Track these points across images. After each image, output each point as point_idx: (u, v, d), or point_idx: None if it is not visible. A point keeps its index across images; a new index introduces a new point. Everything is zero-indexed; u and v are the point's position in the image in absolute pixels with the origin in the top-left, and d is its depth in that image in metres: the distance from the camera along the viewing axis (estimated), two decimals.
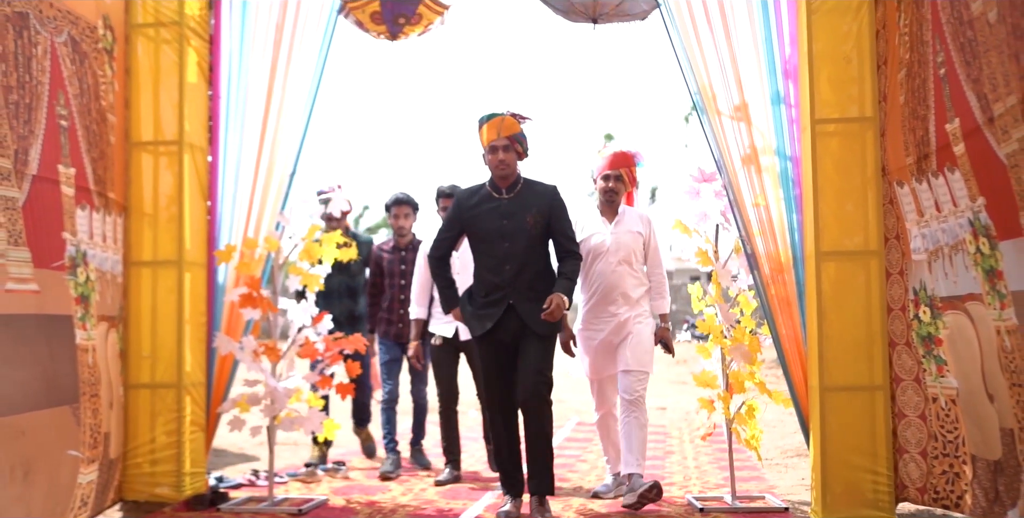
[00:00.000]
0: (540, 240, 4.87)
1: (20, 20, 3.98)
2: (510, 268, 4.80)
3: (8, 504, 3.74)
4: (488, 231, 4.85)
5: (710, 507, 4.96)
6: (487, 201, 4.88)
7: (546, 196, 4.87)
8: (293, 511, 4.94)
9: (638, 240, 5.23)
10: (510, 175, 4.85)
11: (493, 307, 4.82)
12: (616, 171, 5.26)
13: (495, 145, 4.79)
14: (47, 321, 4.12)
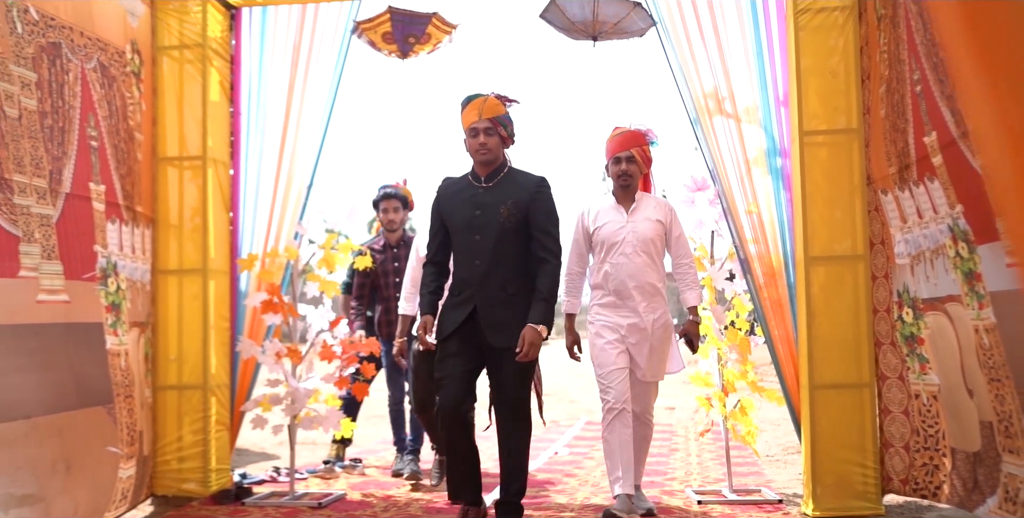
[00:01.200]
0: (515, 235, 4.30)
1: (54, 49, 4.22)
2: (480, 264, 4.29)
3: (55, 496, 4.00)
4: (461, 222, 4.35)
5: (708, 500, 5.14)
6: (465, 190, 4.40)
7: (527, 186, 4.34)
8: (313, 505, 5.16)
9: (658, 229, 4.72)
10: (492, 161, 4.35)
11: (459, 310, 4.32)
12: (627, 152, 4.74)
13: (475, 127, 4.30)
14: (77, 329, 4.36)
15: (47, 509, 4.00)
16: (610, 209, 4.80)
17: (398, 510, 5.10)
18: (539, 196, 4.32)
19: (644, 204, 4.78)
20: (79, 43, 4.46)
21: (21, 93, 3.97)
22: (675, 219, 4.82)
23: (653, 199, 4.84)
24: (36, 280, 4.01)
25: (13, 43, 3.94)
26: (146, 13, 5.23)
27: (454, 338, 4.30)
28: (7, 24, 3.92)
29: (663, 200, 4.91)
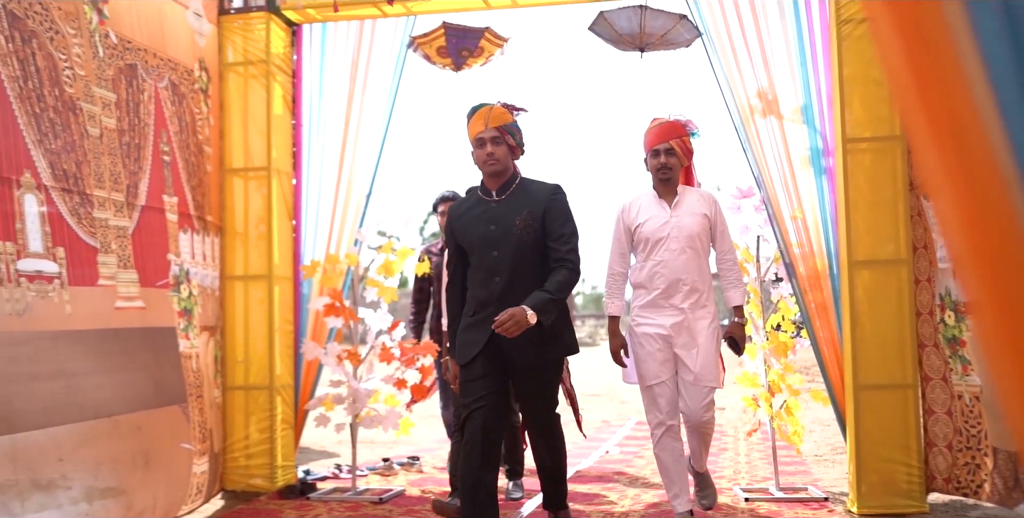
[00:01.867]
0: (533, 248, 3.99)
1: (130, 71, 4.47)
2: (499, 281, 3.97)
3: (136, 489, 4.26)
4: (476, 239, 4.05)
5: (755, 497, 5.25)
6: (476, 206, 4.11)
7: (541, 195, 4.04)
8: (375, 500, 5.36)
9: (703, 223, 4.44)
10: (501, 173, 4.05)
11: (478, 330, 3.98)
12: (666, 144, 4.44)
13: (481, 137, 4.00)
14: (152, 333, 4.61)
15: (129, 501, 4.25)
16: (652, 204, 4.51)
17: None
18: (554, 203, 4.03)
19: (687, 198, 4.50)
20: (153, 64, 4.70)
21: (102, 113, 4.22)
22: (719, 212, 4.55)
23: (696, 192, 4.56)
24: (114, 288, 4.25)
25: (96, 66, 4.19)
26: (213, 32, 5.47)
27: (478, 360, 3.98)
28: (91, 49, 4.17)
29: (707, 193, 4.61)
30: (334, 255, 5.74)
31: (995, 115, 0.83)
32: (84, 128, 4.09)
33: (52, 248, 3.87)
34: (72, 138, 4.02)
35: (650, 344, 4.36)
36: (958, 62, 0.84)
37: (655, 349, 4.34)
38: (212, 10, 5.45)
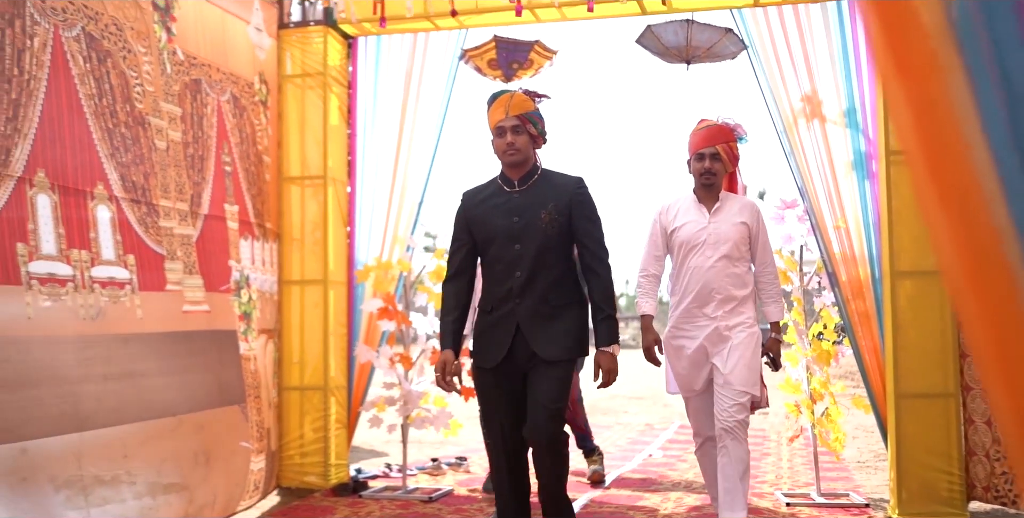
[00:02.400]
0: (558, 241, 3.82)
1: (195, 86, 4.65)
2: (520, 275, 3.79)
3: (197, 485, 4.44)
4: (495, 231, 3.84)
5: (796, 502, 5.32)
6: (496, 196, 3.90)
7: (566, 188, 3.85)
8: (424, 499, 5.51)
9: (742, 232, 4.30)
10: (522, 163, 3.83)
11: (500, 329, 3.82)
12: (712, 148, 4.32)
13: (502, 126, 3.80)
14: (216, 335, 4.79)
15: (190, 497, 4.43)
16: (691, 208, 4.40)
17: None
18: (581, 197, 3.84)
19: (728, 204, 4.37)
20: (215, 78, 4.89)
21: (168, 126, 4.41)
22: (761, 223, 4.41)
23: (738, 200, 4.43)
24: (181, 292, 4.44)
25: (163, 82, 4.37)
26: (272, 45, 5.65)
27: (501, 366, 3.84)
28: (159, 65, 4.36)
29: (749, 201, 4.49)
30: (387, 261, 5.90)
31: (995, 181, 0.93)
32: (152, 141, 4.28)
33: (123, 255, 4.07)
34: (141, 151, 4.21)
35: (684, 357, 4.31)
36: (962, 133, 0.94)
37: (688, 362, 4.29)
38: (272, 24, 5.62)
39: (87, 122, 3.86)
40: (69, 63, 3.78)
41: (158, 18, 4.40)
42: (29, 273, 3.57)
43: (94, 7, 3.95)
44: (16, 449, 3.44)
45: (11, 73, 3.48)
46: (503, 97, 3.84)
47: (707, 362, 4.26)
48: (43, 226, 3.65)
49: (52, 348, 3.69)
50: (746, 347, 4.20)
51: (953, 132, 0.94)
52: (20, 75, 3.53)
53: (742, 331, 4.23)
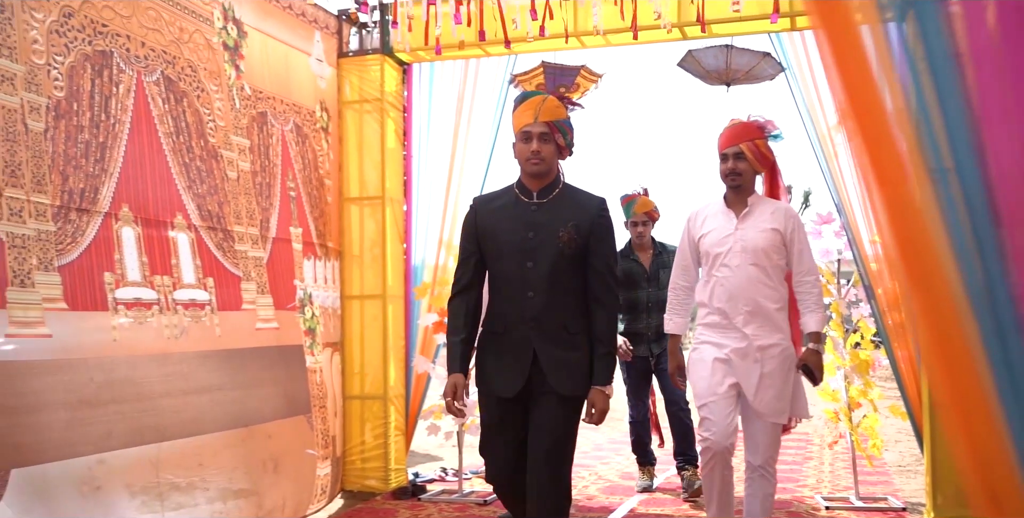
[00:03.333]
0: (574, 265, 3.42)
1: (261, 118, 4.93)
2: (534, 296, 3.37)
3: (266, 490, 4.71)
4: (507, 245, 3.44)
5: (834, 506, 5.46)
6: (512, 206, 3.48)
7: (590, 209, 3.46)
8: (480, 502, 5.73)
9: (773, 239, 3.92)
10: (545, 173, 3.43)
11: (517, 356, 3.39)
12: (735, 147, 3.97)
13: (528, 131, 3.39)
14: (284, 350, 5.07)
15: (259, 502, 4.70)
16: (718, 214, 4.07)
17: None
18: (603, 222, 3.47)
19: (759, 209, 4.00)
20: (280, 110, 5.16)
21: (239, 158, 4.69)
22: (797, 228, 4.00)
23: (771, 204, 4.05)
24: (254, 311, 4.72)
25: (233, 117, 4.65)
26: (332, 74, 5.91)
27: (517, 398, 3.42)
28: (229, 101, 4.64)
29: (785, 205, 4.12)
30: (442, 277, 6.14)
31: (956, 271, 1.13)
32: (224, 172, 4.56)
33: (203, 278, 4.36)
34: (215, 182, 4.49)
35: (709, 355, 3.95)
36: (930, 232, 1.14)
37: (715, 359, 3.92)
38: (332, 55, 5.89)
39: (166, 158, 4.15)
40: (150, 105, 4.08)
41: (228, 57, 4.68)
42: (116, 299, 3.86)
43: (172, 52, 4.25)
44: (93, 460, 3.71)
45: (99, 119, 3.78)
46: (534, 99, 3.42)
47: (730, 372, 3.89)
48: (128, 255, 3.94)
49: (136, 367, 3.98)
50: (778, 374, 3.87)
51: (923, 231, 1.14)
52: (107, 120, 3.83)
53: (774, 357, 3.87)
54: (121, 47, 3.94)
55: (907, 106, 1.74)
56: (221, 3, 4.63)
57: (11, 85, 3.41)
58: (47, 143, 3.56)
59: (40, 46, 3.55)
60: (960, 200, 1.29)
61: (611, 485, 6.45)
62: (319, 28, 5.69)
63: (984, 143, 1.43)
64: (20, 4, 3.47)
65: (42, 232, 3.53)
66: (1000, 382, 1.27)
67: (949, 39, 1.71)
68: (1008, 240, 1.22)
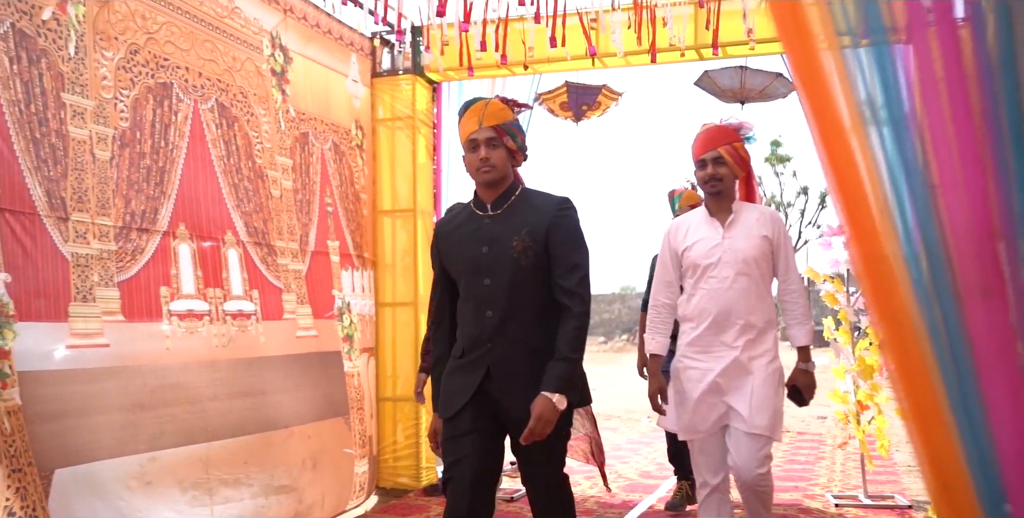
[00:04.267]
0: (534, 274, 3.06)
1: (303, 138, 5.21)
2: (492, 315, 3.05)
3: (305, 487, 4.98)
4: (464, 263, 3.14)
5: (844, 503, 5.67)
6: (467, 223, 3.18)
7: (545, 209, 3.09)
8: (506, 499, 5.97)
9: (762, 247, 3.66)
10: (498, 182, 3.09)
11: (465, 374, 3.08)
12: (713, 151, 3.69)
13: (474, 139, 3.07)
14: (324, 356, 5.34)
15: (299, 497, 4.97)
16: (702, 224, 3.76)
17: (577, 505, 5.74)
18: (561, 220, 3.08)
19: (744, 216, 3.72)
20: (320, 130, 5.44)
21: (282, 177, 4.97)
22: (784, 235, 3.74)
23: (756, 210, 3.78)
24: (295, 320, 5.00)
25: (279, 138, 4.93)
26: (366, 94, 6.19)
27: (465, 412, 3.07)
28: (275, 124, 4.92)
29: (769, 210, 3.84)
30: None
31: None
32: (269, 191, 4.84)
33: (249, 291, 4.63)
34: (261, 200, 4.77)
35: (693, 390, 3.63)
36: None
37: (699, 397, 3.61)
38: (366, 75, 6.16)
39: (218, 180, 4.43)
40: (204, 130, 4.36)
41: (275, 82, 4.97)
42: (170, 311, 4.12)
43: (225, 80, 4.53)
44: (144, 458, 3.95)
45: (159, 145, 4.05)
46: (476, 106, 3.12)
47: (719, 402, 3.60)
48: (184, 270, 4.21)
49: (187, 373, 4.24)
50: (769, 385, 3.58)
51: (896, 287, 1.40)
52: (166, 146, 4.10)
53: (765, 366, 3.60)
54: (180, 78, 4.22)
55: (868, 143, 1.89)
56: (269, 32, 4.92)
57: (81, 119, 3.68)
58: (112, 170, 3.82)
59: (108, 82, 3.81)
60: (922, 250, 1.54)
61: (631, 483, 6.69)
62: (355, 50, 5.96)
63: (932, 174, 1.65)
64: (93, 45, 3.75)
65: (104, 251, 3.78)
66: (951, 394, 1.52)
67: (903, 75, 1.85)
68: (960, 283, 1.47)
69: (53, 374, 3.55)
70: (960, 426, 1.52)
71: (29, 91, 3.47)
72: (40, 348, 3.50)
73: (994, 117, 1.60)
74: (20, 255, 3.41)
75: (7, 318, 3.34)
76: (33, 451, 3.39)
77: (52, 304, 3.56)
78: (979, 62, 1.65)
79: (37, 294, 3.50)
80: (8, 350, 3.33)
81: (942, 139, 1.59)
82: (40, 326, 3.50)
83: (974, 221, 1.48)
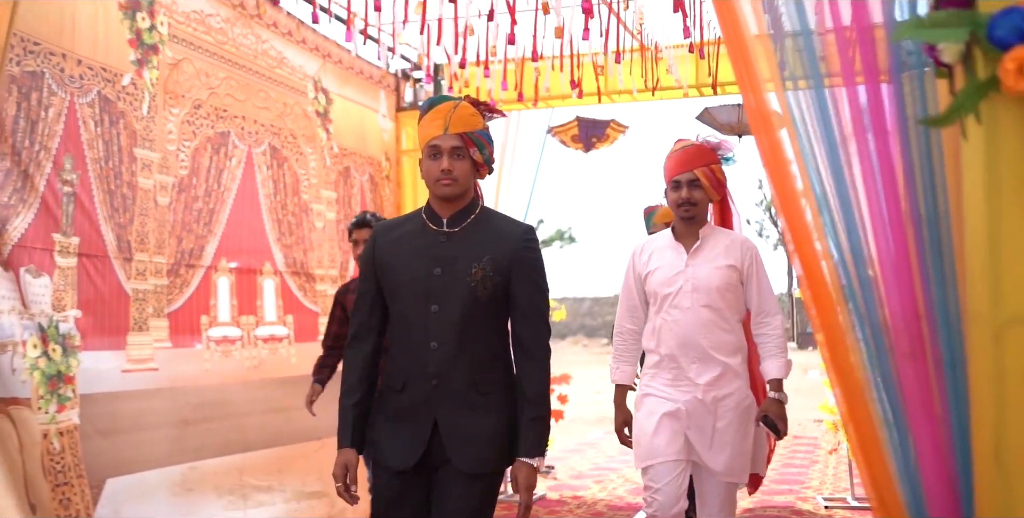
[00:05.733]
0: (488, 307, 2.64)
1: (345, 172, 5.64)
2: (438, 347, 2.61)
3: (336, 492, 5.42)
4: (409, 283, 2.66)
5: (833, 505, 5.99)
6: (417, 236, 2.70)
7: (510, 237, 2.67)
8: None
9: (728, 276, 3.32)
10: (459, 196, 2.66)
11: (414, 420, 2.62)
12: (690, 173, 3.34)
13: (437, 145, 2.62)
14: None
15: (332, 502, 5.25)
16: (666, 248, 3.44)
17: (588, 507, 6.24)
18: (528, 253, 2.68)
19: (712, 242, 3.38)
20: (359, 163, 5.87)
21: (326, 209, 5.42)
22: (756, 264, 3.38)
23: (726, 236, 3.43)
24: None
25: (324, 173, 5.38)
26: (392, 127, 6.63)
27: (410, 471, 2.64)
28: (321, 161, 5.35)
29: (741, 237, 3.48)
30: None
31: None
32: (312, 223, 5.27)
33: (283, 316, 5.01)
34: (303, 233, 5.19)
35: (656, 409, 3.31)
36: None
37: (662, 415, 3.28)
38: (391, 109, 6.56)
39: (262, 216, 4.76)
40: (255, 172, 4.74)
41: (320, 123, 5.38)
42: (208, 337, 4.46)
43: (277, 125, 4.88)
44: (186, 467, 4.26)
45: (212, 188, 4.39)
46: (443, 107, 2.65)
47: (682, 432, 3.27)
48: (221, 300, 4.51)
49: (224, 391, 4.56)
50: (737, 428, 3.28)
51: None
52: (218, 189, 4.41)
53: (730, 410, 3.27)
54: (237, 126, 4.59)
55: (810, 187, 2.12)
56: (312, 76, 5.34)
57: (148, 170, 3.99)
58: (169, 213, 4.12)
59: (173, 135, 4.13)
60: (867, 322, 2.00)
61: (637, 486, 7.12)
62: (383, 87, 6.41)
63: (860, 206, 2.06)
64: (163, 103, 4.10)
65: (158, 286, 4.10)
66: (889, 431, 1.98)
67: (836, 120, 2.07)
68: (895, 348, 1.94)
69: (109, 395, 3.89)
70: (896, 459, 1.98)
71: (108, 149, 3.81)
72: (100, 373, 3.83)
73: (912, 195, 1.85)
74: (92, 293, 3.75)
75: (73, 348, 3.67)
76: (86, 464, 3.70)
77: (113, 334, 3.90)
78: (899, 117, 1.87)
79: (102, 327, 3.84)
80: (72, 376, 3.67)
81: (881, 232, 2.03)
82: (102, 354, 3.85)
83: (903, 303, 1.94)
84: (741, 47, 2.33)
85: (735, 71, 2.41)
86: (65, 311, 3.68)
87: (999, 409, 1.61)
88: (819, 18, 2.11)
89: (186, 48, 4.29)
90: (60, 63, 3.68)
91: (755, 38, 2.31)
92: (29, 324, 3.51)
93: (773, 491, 6.68)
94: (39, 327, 3.55)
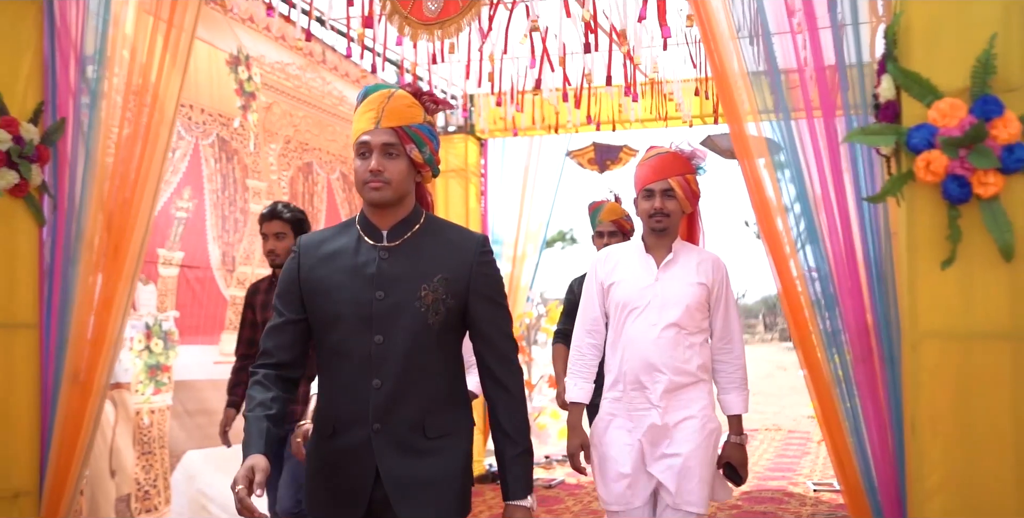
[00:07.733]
0: (441, 335, 2.20)
1: None
2: (381, 385, 2.16)
3: None
4: (342, 308, 2.18)
5: (821, 489, 6.53)
6: (351, 252, 2.22)
7: (465, 251, 2.24)
8: (546, 486, 6.80)
9: (699, 295, 3.07)
10: (393, 203, 2.19)
11: (350, 473, 2.20)
12: (663, 182, 3.07)
13: (366, 141, 2.15)
14: None
15: None
16: (634, 259, 3.17)
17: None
18: (486, 268, 2.28)
19: (684, 258, 3.13)
20: None
21: None
22: (724, 285, 3.15)
23: (698, 253, 3.18)
24: None
25: None
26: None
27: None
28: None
29: (712, 255, 3.20)
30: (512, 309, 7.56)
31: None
32: None
33: None
34: None
35: (615, 456, 3.05)
36: None
37: (621, 464, 3.04)
38: None
39: None
40: (335, 194, 5.52)
41: None
42: None
43: (344, 154, 5.64)
44: None
45: (307, 211, 5.31)
46: (376, 96, 2.20)
47: (646, 463, 3.03)
48: None
49: None
50: (700, 454, 3.01)
51: None
52: (312, 211, 5.23)
53: (697, 431, 3.01)
54: (317, 157, 5.36)
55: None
56: None
57: (258, 197, 4.78)
58: None
59: (274, 167, 4.94)
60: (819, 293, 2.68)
61: None
62: None
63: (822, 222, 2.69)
64: (264, 140, 4.88)
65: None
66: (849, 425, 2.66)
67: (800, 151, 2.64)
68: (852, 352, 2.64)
69: (201, 382, 4.62)
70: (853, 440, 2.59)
71: (225, 181, 4.61)
72: (196, 364, 4.55)
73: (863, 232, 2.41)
74: (190, 298, 4.46)
75: (172, 342, 4.38)
76: (172, 438, 4.42)
77: (210, 332, 4.63)
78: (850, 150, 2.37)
79: (199, 325, 4.56)
80: (170, 365, 4.39)
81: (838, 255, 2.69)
82: (197, 348, 4.56)
83: (858, 317, 2.62)
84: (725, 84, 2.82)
85: (724, 105, 2.90)
86: (166, 312, 4.35)
87: (914, 399, 2.22)
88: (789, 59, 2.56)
89: (274, 93, 5.06)
90: (188, 112, 4.45)
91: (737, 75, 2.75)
92: (137, 323, 4.19)
93: (767, 477, 7.23)
94: (145, 325, 4.22)
